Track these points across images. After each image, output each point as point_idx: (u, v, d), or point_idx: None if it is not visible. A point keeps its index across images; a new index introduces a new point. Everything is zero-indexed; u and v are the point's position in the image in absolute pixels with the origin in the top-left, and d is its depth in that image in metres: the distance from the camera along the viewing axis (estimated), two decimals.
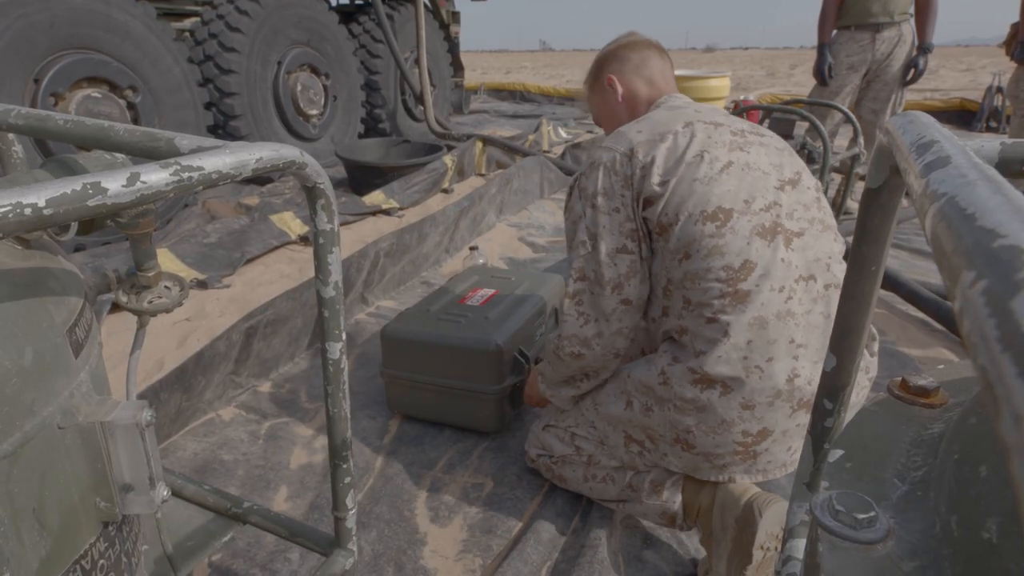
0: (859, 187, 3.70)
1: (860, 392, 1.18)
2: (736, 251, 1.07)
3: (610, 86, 1.37)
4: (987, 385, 0.17)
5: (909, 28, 3.37)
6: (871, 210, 0.50)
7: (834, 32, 3.49)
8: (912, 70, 3.35)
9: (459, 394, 1.61)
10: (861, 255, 0.52)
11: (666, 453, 1.17)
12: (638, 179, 1.14)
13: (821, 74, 3.49)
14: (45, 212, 0.43)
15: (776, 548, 1.09)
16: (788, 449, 1.11)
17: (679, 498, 1.21)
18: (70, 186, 0.44)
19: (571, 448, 1.34)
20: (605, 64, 1.39)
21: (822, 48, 3.47)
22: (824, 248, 1.14)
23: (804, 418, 1.08)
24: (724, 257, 1.07)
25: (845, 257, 1.11)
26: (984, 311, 0.18)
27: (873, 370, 1.20)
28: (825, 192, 3.06)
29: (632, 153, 1.15)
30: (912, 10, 3.35)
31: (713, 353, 1.06)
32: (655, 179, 1.12)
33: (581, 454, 1.32)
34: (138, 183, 0.48)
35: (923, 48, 3.31)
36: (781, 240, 1.09)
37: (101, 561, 0.64)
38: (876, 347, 1.23)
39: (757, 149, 1.17)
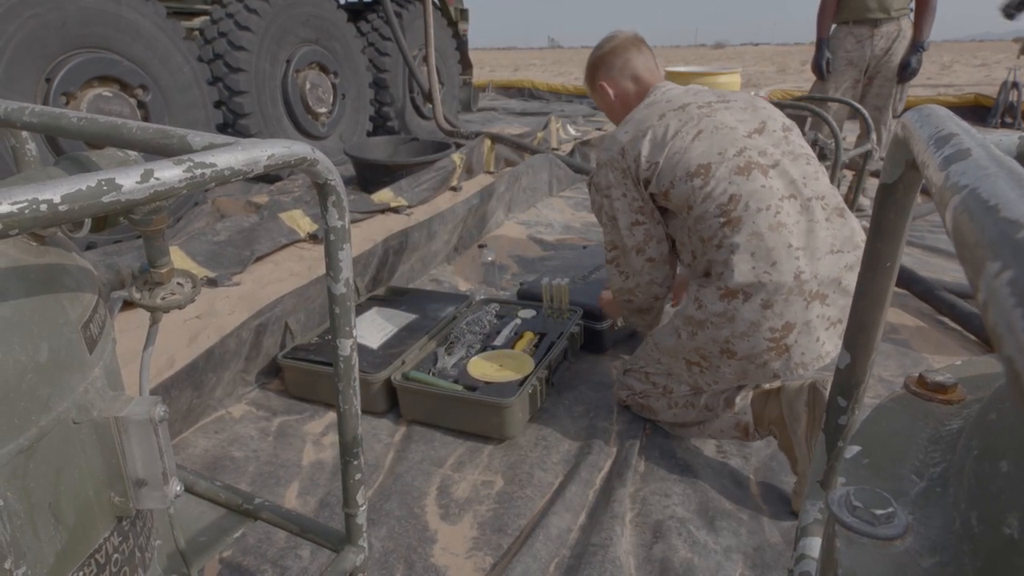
0: (871, 184, 3.67)
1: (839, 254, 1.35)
2: (722, 191, 1.35)
3: (603, 90, 1.66)
4: (1013, 376, 0.17)
5: (909, 23, 3.33)
6: (886, 205, 0.50)
7: (833, 27, 3.47)
8: (905, 68, 3.31)
9: (475, 403, 1.61)
10: (876, 251, 0.52)
11: (719, 366, 1.42)
12: (633, 169, 1.46)
13: (819, 69, 3.47)
14: (61, 208, 0.43)
15: None
16: (817, 340, 1.33)
17: (750, 411, 1.44)
18: (85, 183, 0.45)
19: (648, 384, 1.62)
20: (595, 72, 1.67)
21: (820, 43, 3.45)
22: (798, 172, 1.39)
23: (819, 309, 1.32)
24: (715, 199, 1.35)
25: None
26: (1010, 301, 0.17)
27: (859, 232, 1.40)
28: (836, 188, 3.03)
29: (623, 152, 1.47)
30: (913, 5, 3.31)
31: (728, 269, 1.33)
32: (644, 164, 1.44)
33: (657, 387, 1.60)
34: (152, 179, 0.49)
35: (916, 46, 3.26)
36: (758, 172, 1.35)
37: (115, 555, 0.64)
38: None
39: (722, 113, 1.46)
